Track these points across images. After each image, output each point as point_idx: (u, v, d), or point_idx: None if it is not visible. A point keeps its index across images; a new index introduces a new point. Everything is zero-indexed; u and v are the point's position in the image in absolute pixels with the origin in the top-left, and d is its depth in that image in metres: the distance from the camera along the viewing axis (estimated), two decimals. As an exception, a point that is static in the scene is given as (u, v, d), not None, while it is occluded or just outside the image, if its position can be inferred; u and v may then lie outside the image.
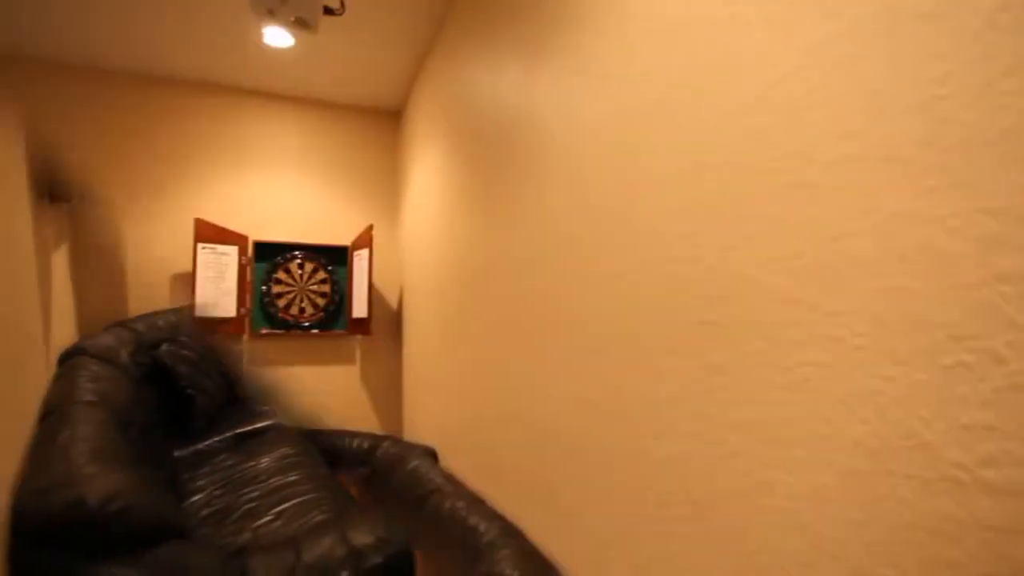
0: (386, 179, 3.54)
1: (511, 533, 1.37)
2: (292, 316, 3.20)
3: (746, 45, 0.79)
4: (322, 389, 3.27)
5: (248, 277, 3.12)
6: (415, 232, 3.01)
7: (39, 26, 2.54)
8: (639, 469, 1.01)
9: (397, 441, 2.55)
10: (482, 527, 1.41)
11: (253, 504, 1.73)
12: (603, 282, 1.14)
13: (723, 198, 0.82)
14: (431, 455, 2.32)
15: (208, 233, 2.96)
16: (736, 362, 0.79)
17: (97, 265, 2.89)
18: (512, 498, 1.61)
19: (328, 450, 2.70)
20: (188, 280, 3.04)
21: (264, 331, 3.14)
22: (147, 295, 2.97)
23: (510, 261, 1.65)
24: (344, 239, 3.39)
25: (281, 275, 3.20)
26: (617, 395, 1.08)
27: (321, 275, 3.28)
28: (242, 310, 3.07)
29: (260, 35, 2.64)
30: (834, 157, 0.66)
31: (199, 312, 2.89)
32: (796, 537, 0.69)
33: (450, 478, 1.86)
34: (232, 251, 3.05)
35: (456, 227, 2.22)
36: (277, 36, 2.63)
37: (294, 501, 1.72)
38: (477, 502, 1.60)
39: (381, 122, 3.55)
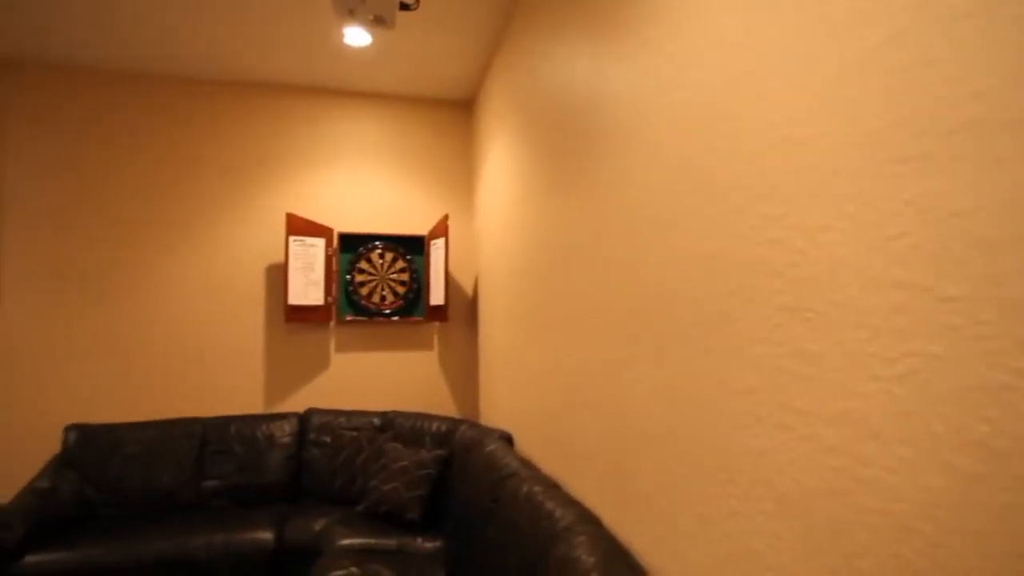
0: (460, 169, 3.61)
1: (588, 520, 1.36)
2: (374, 304, 3.36)
3: (845, 7, 0.72)
4: (402, 373, 3.42)
5: (334, 267, 3.31)
6: (489, 220, 3.05)
7: (139, 44, 2.80)
8: (722, 461, 0.97)
9: (474, 425, 2.61)
10: (558, 512, 1.42)
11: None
12: (684, 267, 1.10)
13: (816, 175, 0.76)
14: (507, 440, 2.36)
15: (298, 226, 3.16)
16: (832, 351, 0.73)
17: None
18: (588, 485, 1.61)
19: (409, 432, 2.83)
20: (281, 270, 3.28)
21: (349, 318, 3.32)
22: (245, 284, 3.23)
23: (586, 246, 1.63)
24: (421, 229, 3.50)
25: (363, 265, 3.36)
26: (699, 383, 1.04)
27: (400, 264, 3.41)
28: (329, 298, 3.26)
29: (340, 36, 2.76)
30: (954, 125, 0.59)
31: (292, 300, 3.10)
32: (903, 543, 0.63)
33: (526, 463, 1.89)
34: (319, 243, 3.24)
35: (530, 214, 2.22)
36: (356, 36, 2.73)
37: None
38: (553, 487, 1.61)
39: (454, 113, 3.61)
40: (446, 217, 3.17)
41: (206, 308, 3.17)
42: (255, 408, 3.21)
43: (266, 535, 2.39)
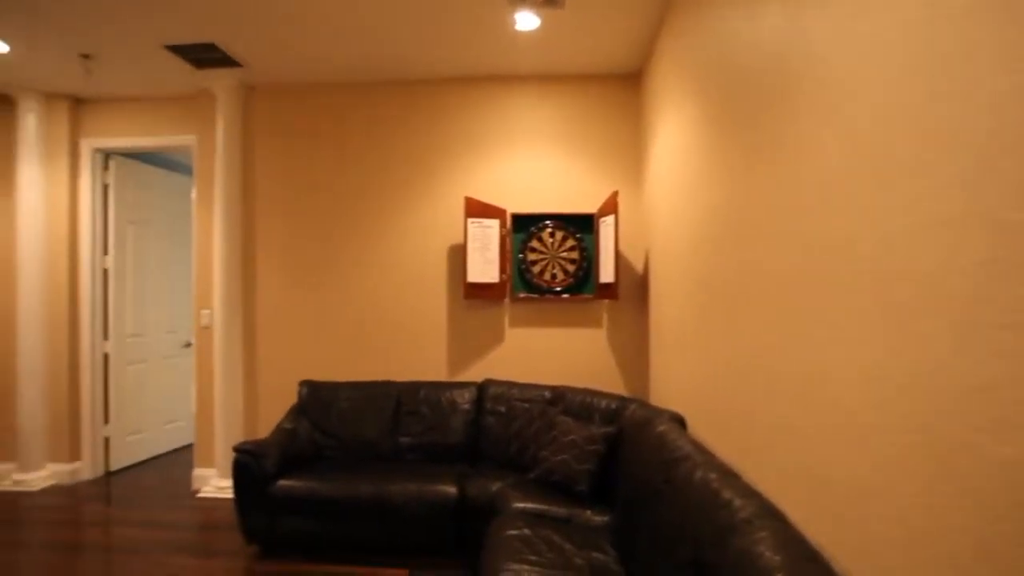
0: (629, 143, 3.50)
1: (770, 513, 1.25)
2: (545, 281, 3.46)
3: None
4: (571, 350, 3.49)
5: (507, 247, 3.48)
6: (660, 194, 2.92)
7: (344, 59, 3.21)
8: (950, 468, 0.81)
9: (644, 404, 2.56)
10: (737, 502, 1.33)
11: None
12: (902, 237, 0.93)
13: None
14: (679, 421, 2.27)
15: (475, 209, 3.39)
16: None
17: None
18: (770, 476, 1.47)
19: (578, 408, 2.88)
20: (461, 251, 3.56)
21: (521, 295, 3.48)
22: (431, 264, 3.57)
23: (772, 217, 1.47)
24: (590, 207, 3.49)
25: (535, 244, 3.48)
26: (921, 373, 0.88)
27: (570, 243, 3.45)
28: (503, 276, 3.46)
29: (510, 23, 2.84)
30: None
31: (470, 279, 3.36)
32: None
33: (700, 447, 1.79)
34: (494, 224, 3.44)
35: (705, 185, 2.07)
36: (526, 20, 2.80)
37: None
38: (730, 475, 1.51)
39: (622, 87, 3.51)
40: (615, 194, 3.12)
41: (399, 286, 3.60)
42: (439, 376, 3.57)
43: (451, 489, 2.66)
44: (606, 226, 3.26)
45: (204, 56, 3.20)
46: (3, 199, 3.84)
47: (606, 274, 3.24)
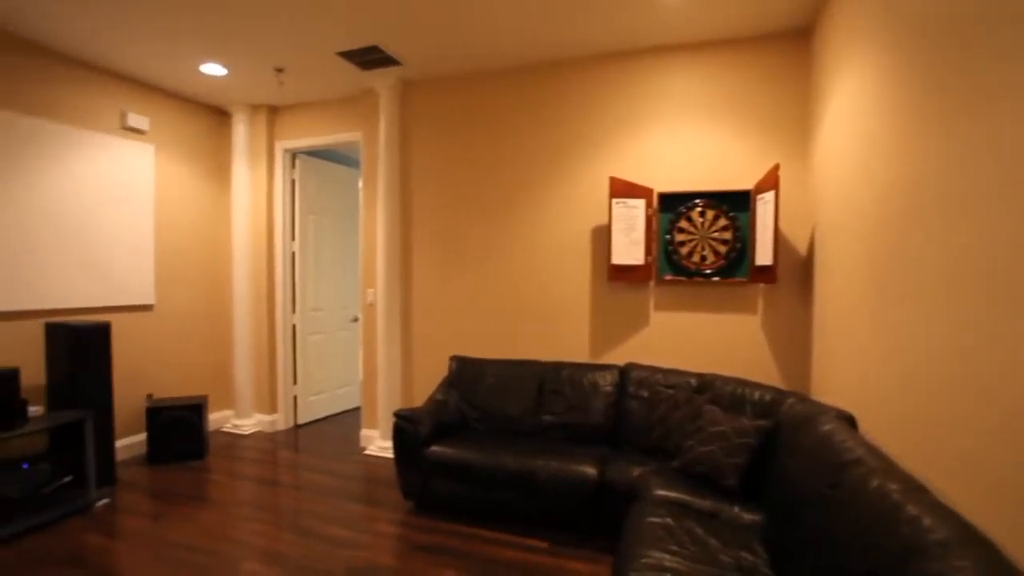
0: (793, 111, 3.13)
1: (973, 539, 1.05)
2: (694, 264, 3.27)
3: None
4: (720, 336, 3.26)
5: (653, 227, 3.35)
6: (832, 166, 2.57)
7: (484, 49, 3.30)
8: None
9: (804, 399, 2.31)
10: (927, 521, 1.14)
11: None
12: None
13: None
14: (848, 420, 2.01)
15: (620, 189, 3.31)
16: None
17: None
18: (974, 494, 1.24)
19: (728, 398, 2.70)
20: (605, 232, 3.50)
21: (668, 278, 3.33)
22: (575, 246, 3.57)
23: (991, 186, 1.21)
24: (746, 183, 3.20)
25: (683, 224, 3.29)
26: None
27: (722, 222, 3.21)
28: (648, 258, 3.33)
29: (661, -13, 2.68)
30: None
31: (615, 260, 3.30)
32: None
33: (875, 451, 1.57)
34: (640, 204, 3.32)
35: (896, 152, 1.78)
36: (677, -18, 2.62)
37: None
38: (917, 489, 1.30)
39: (785, 46, 3.12)
40: (776, 167, 2.82)
41: (544, 268, 3.66)
42: (581, 357, 3.58)
43: (591, 470, 2.67)
44: (764, 203, 2.97)
45: (368, 58, 3.52)
46: (223, 196, 4.66)
47: (763, 256, 2.96)
